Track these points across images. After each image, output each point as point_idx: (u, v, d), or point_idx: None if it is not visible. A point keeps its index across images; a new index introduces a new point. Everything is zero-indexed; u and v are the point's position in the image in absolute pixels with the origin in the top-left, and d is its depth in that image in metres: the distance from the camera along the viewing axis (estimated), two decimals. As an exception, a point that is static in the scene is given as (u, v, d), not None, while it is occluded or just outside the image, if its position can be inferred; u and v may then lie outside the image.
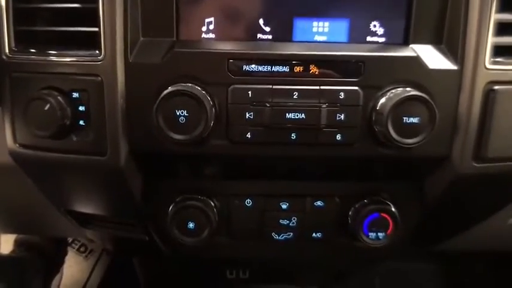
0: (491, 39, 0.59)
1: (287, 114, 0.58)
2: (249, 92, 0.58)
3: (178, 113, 0.56)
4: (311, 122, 0.59)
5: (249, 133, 0.59)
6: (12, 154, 0.65)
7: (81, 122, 0.60)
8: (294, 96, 0.58)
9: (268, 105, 0.58)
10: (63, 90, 0.59)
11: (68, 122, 0.59)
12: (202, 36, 0.62)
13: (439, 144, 0.60)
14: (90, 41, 0.59)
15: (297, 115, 0.58)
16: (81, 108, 0.60)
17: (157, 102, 0.56)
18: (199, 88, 0.57)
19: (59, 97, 0.58)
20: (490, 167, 0.61)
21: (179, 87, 0.56)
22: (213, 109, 0.57)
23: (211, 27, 0.62)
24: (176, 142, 0.57)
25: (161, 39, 0.60)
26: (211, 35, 0.62)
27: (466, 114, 0.59)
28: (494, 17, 0.58)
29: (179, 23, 0.61)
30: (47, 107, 0.57)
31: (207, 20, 0.62)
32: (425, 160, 0.62)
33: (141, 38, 0.60)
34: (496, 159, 0.61)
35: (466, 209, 0.72)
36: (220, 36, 0.62)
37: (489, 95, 0.59)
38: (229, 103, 0.59)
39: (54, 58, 0.60)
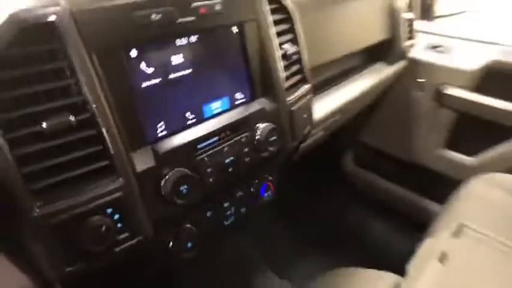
0: (285, 85, 1.21)
1: (226, 161, 1.04)
2: (206, 158, 0.99)
3: (181, 189, 0.91)
4: (239, 160, 1.07)
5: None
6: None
7: (119, 225, 0.84)
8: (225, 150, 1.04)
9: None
10: (101, 213, 0.80)
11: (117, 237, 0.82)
12: (159, 135, 0.94)
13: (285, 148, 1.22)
14: (104, 171, 0.81)
15: (231, 159, 1.05)
16: (116, 216, 0.83)
17: (170, 188, 0.88)
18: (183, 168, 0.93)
19: (104, 218, 0.79)
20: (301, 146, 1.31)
21: (181, 173, 0.90)
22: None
23: (163, 127, 0.95)
24: (181, 205, 0.93)
25: (144, 148, 0.89)
26: (165, 132, 0.95)
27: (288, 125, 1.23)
28: (284, 74, 1.20)
29: (145, 128, 0.90)
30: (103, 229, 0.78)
31: (159, 124, 0.94)
32: (280, 155, 1.24)
33: (131, 154, 0.86)
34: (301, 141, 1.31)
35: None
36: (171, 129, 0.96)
37: (292, 113, 1.24)
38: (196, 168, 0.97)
39: (79, 198, 0.77)
